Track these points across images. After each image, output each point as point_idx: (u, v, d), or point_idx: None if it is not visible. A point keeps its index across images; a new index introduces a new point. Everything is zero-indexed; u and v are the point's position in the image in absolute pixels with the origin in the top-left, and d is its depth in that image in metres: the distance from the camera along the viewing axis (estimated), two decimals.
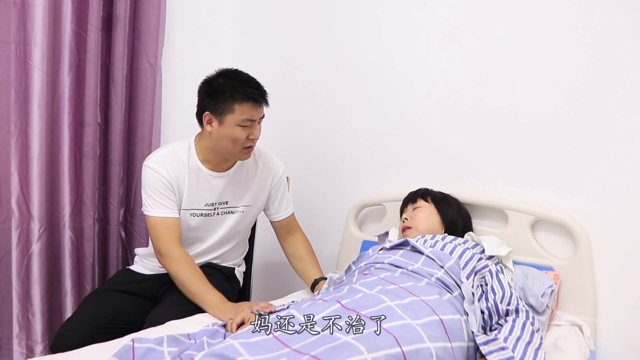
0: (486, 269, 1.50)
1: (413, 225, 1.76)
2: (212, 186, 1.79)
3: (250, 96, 1.65)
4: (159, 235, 1.69)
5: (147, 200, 1.72)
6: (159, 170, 1.71)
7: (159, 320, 1.50)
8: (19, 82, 1.93)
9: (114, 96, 2.24)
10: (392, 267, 1.46)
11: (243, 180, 1.85)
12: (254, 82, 1.70)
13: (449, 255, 1.50)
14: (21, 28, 1.92)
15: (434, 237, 1.65)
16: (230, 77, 1.69)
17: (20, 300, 1.97)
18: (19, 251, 1.96)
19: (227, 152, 1.72)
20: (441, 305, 1.26)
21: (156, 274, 1.84)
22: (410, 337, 1.11)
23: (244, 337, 1.15)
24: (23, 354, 1.97)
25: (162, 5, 2.31)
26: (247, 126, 1.67)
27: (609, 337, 1.67)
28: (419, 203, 1.82)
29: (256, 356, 1.06)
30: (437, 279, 1.39)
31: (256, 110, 1.68)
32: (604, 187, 1.68)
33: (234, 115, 1.65)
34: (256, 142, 1.75)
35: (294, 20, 2.49)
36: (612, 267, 1.67)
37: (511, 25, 1.84)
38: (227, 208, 1.84)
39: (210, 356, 1.06)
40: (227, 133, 1.67)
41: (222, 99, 1.66)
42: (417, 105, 2.09)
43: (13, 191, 1.95)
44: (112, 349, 1.20)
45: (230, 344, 1.10)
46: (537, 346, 1.25)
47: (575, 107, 1.72)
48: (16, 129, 1.94)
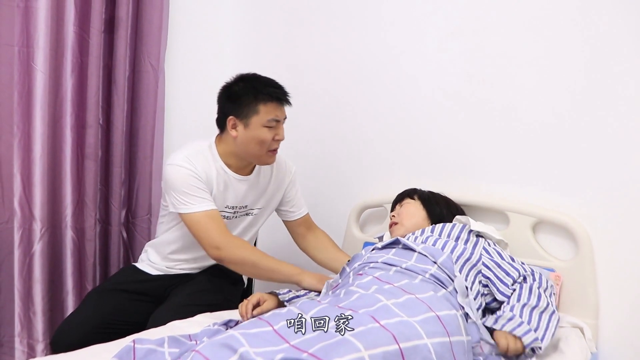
0: (479, 262, 1.52)
1: (399, 221, 1.76)
2: (236, 189, 1.79)
3: (273, 95, 1.68)
4: (208, 228, 1.65)
5: (181, 198, 1.66)
6: (190, 167, 1.68)
7: (162, 321, 1.51)
8: (21, 84, 1.95)
9: (116, 98, 2.25)
10: (386, 265, 1.46)
11: (261, 184, 1.86)
12: (275, 82, 1.73)
13: (441, 250, 1.50)
14: (24, 30, 1.94)
15: (423, 231, 1.65)
16: (250, 80, 1.71)
17: (22, 299, 1.98)
18: (21, 251, 1.98)
19: (252, 155, 1.72)
20: (437, 302, 1.27)
21: (165, 275, 1.84)
22: (408, 334, 1.12)
23: (244, 328, 1.16)
24: (25, 352, 1.99)
25: (165, 8, 2.32)
26: (273, 127, 1.69)
27: (611, 339, 1.66)
28: (405, 201, 1.82)
29: (256, 348, 1.06)
30: (431, 275, 1.40)
31: (280, 109, 1.70)
32: (606, 189, 1.67)
33: (259, 116, 1.66)
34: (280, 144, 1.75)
35: (297, 21, 2.49)
36: (613, 269, 1.66)
37: (513, 25, 1.84)
38: (245, 211, 1.85)
39: (212, 346, 1.06)
40: (253, 135, 1.67)
41: (245, 102, 1.67)
42: (419, 106, 2.09)
43: (15, 192, 1.96)
44: (114, 350, 1.20)
45: (232, 334, 1.10)
46: (544, 309, 1.39)
47: (577, 108, 1.72)
48: (19, 131, 1.95)
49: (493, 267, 1.52)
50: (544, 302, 1.39)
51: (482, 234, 1.68)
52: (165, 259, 1.85)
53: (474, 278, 1.49)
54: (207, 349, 1.06)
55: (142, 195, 2.37)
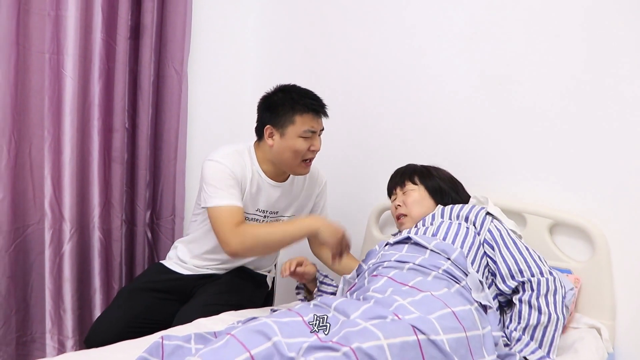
0: (485, 245, 1.55)
1: (407, 212, 1.73)
2: (268, 194, 1.83)
3: (310, 107, 1.71)
4: (223, 223, 1.65)
5: (211, 191, 1.69)
6: (228, 164, 1.72)
7: (188, 319, 1.56)
8: (52, 90, 2.01)
9: (141, 102, 2.30)
10: (399, 263, 1.48)
11: (293, 192, 1.90)
12: (313, 94, 1.76)
13: (452, 245, 1.51)
14: (55, 38, 2.00)
15: (433, 218, 1.65)
16: (289, 91, 1.75)
17: (52, 297, 2.04)
18: (52, 251, 2.03)
19: (287, 164, 1.76)
20: (451, 298, 1.31)
21: (192, 275, 1.87)
22: (425, 329, 1.16)
23: (276, 316, 1.22)
24: (55, 348, 2.04)
25: (188, 14, 2.37)
26: (309, 137, 1.72)
27: (628, 339, 1.67)
28: (407, 187, 1.78)
29: (287, 338, 1.12)
30: (444, 271, 1.43)
31: (316, 121, 1.73)
32: (621, 190, 1.68)
33: (295, 126, 1.70)
34: (315, 155, 1.78)
35: (318, 26, 2.53)
36: (630, 270, 1.67)
37: (532, 28, 1.86)
38: (276, 217, 1.88)
39: (248, 331, 1.12)
40: (289, 145, 1.71)
41: (282, 112, 1.71)
42: (438, 108, 2.12)
43: (46, 194, 2.02)
44: (142, 346, 1.25)
45: (265, 321, 1.16)
46: (546, 323, 1.39)
47: (593, 109, 1.73)
48: (49, 135, 2.01)
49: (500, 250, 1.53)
50: (545, 316, 1.39)
51: (496, 218, 1.66)
52: (195, 258, 1.88)
53: (484, 268, 1.52)
54: (242, 333, 1.12)
55: (166, 196, 2.41)
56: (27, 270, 2.05)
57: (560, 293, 1.43)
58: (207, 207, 1.71)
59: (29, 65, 1.97)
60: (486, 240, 1.55)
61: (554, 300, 1.42)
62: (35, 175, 2.02)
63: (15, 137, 1.95)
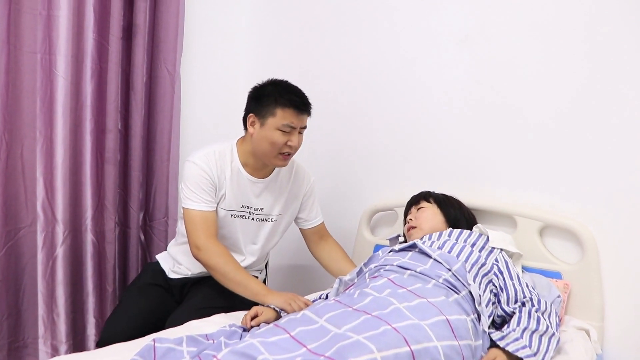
0: (491, 272, 1.56)
1: (418, 225, 1.80)
2: (251, 190, 1.85)
3: (293, 103, 1.73)
4: (196, 228, 1.73)
5: (187, 193, 1.76)
6: (204, 167, 1.76)
7: (180, 322, 1.56)
8: (44, 91, 2.00)
9: (134, 103, 2.29)
10: (400, 269, 1.50)
11: (277, 189, 1.91)
12: (299, 91, 1.78)
13: (456, 258, 1.54)
14: (46, 38, 1.99)
15: (440, 235, 1.69)
16: (278, 85, 1.78)
17: (45, 301, 2.02)
18: (44, 254, 2.02)
19: (264, 155, 1.78)
20: (447, 307, 1.32)
21: (184, 278, 1.91)
22: (418, 336, 1.17)
23: (262, 336, 1.20)
24: (48, 353, 2.02)
25: (181, 15, 2.37)
26: (287, 132, 1.73)
27: (616, 340, 1.69)
28: (422, 204, 1.86)
29: (275, 355, 1.11)
30: (445, 280, 1.44)
31: (297, 117, 1.75)
32: (611, 193, 1.70)
33: (275, 118, 1.72)
34: (295, 151, 1.80)
35: (311, 27, 2.54)
36: (619, 272, 1.69)
37: (522, 33, 1.87)
38: (263, 215, 1.90)
39: (233, 354, 1.11)
40: (266, 135, 1.73)
41: (266, 103, 1.74)
42: (429, 112, 2.13)
43: (38, 196, 2.01)
44: (135, 348, 1.26)
45: (251, 343, 1.15)
46: (544, 332, 1.39)
47: (582, 113, 1.75)
48: (41, 136, 2.00)
49: (503, 278, 1.55)
50: (543, 326, 1.40)
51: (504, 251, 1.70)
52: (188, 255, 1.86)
53: (485, 287, 1.52)
54: (227, 357, 1.10)
55: (160, 198, 2.41)
56: (19, 274, 2.02)
57: (554, 317, 1.46)
58: (182, 206, 1.79)
59: (20, 65, 1.96)
60: (496, 267, 1.58)
61: (549, 320, 1.44)
62: (27, 177, 2.00)
63: (7, 138, 1.94)
